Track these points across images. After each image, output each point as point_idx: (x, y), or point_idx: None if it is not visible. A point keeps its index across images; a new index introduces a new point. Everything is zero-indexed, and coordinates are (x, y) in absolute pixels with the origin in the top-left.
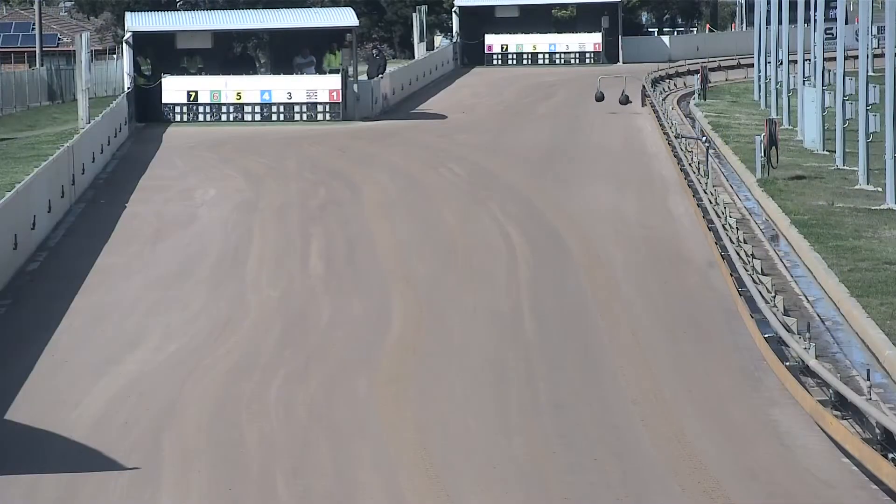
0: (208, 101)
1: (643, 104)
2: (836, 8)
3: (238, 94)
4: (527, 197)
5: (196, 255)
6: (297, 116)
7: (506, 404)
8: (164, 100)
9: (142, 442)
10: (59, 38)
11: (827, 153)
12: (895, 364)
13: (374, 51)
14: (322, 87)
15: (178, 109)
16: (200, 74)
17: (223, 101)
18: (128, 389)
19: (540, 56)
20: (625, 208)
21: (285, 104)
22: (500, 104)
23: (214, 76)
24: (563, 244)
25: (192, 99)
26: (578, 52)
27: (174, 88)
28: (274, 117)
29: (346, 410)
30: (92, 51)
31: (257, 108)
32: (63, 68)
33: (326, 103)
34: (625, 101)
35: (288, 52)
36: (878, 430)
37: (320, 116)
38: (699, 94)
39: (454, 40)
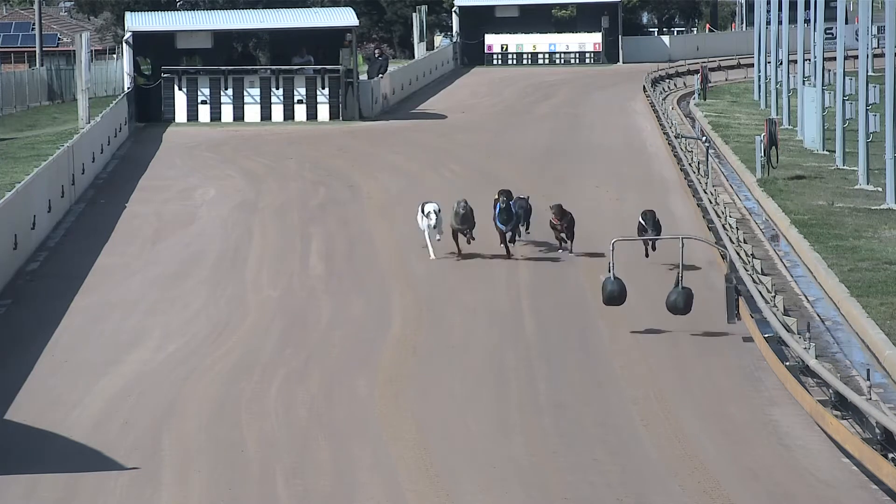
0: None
1: (734, 316)
2: (836, 7)
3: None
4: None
5: (196, 255)
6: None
7: (506, 404)
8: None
9: (142, 442)
10: (59, 38)
11: (827, 153)
12: (895, 364)
13: (377, 51)
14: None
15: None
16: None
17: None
18: (128, 389)
19: (540, 56)
20: (625, 208)
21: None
22: (499, 104)
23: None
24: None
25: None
26: (578, 52)
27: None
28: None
29: (346, 410)
30: (92, 51)
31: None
32: (63, 68)
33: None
34: (683, 304)
35: (288, 52)
36: (878, 430)
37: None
38: (699, 94)
39: (454, 40)
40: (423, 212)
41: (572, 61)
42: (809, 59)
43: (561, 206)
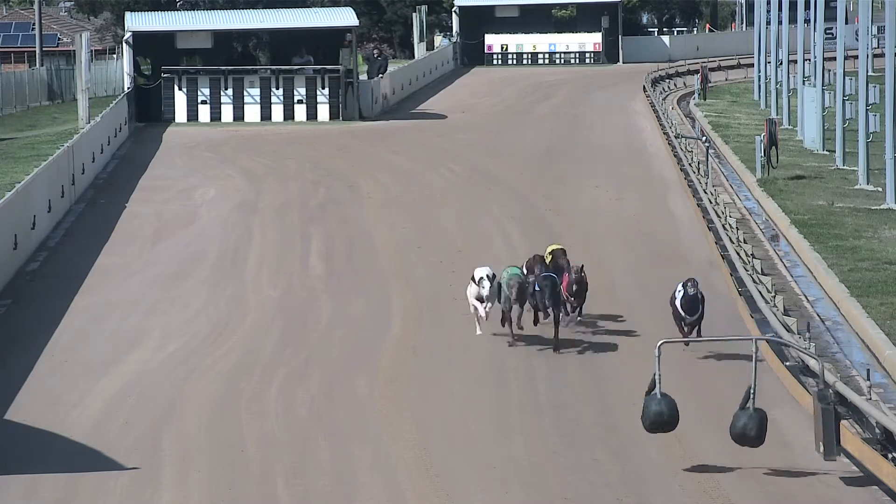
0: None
1: (835, 451)
2: (836, 8)
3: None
4: (527, 197)
5: (196, 255)
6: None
7: (506, 404)
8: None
9: (142, 442)
10: (59, 38)
11: (827, 153)
12: (895, 364)
13: (375, 51)
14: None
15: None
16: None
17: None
18: (128, 389)
19: (540, 56)
20: (625, 208)
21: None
22: (499, 104)
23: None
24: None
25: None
26: (578, 52)
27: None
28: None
29: (346, 410)
30: (92, 51)
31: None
32: (63, 68)
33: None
34: (756, 432)
35: (288, 52)
36: (878, 430)
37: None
38: (699, 94)
39: (454, 40)
40: (474, 279)
41: (572, 61)
42: (809, 59)
43: (581, 273)
